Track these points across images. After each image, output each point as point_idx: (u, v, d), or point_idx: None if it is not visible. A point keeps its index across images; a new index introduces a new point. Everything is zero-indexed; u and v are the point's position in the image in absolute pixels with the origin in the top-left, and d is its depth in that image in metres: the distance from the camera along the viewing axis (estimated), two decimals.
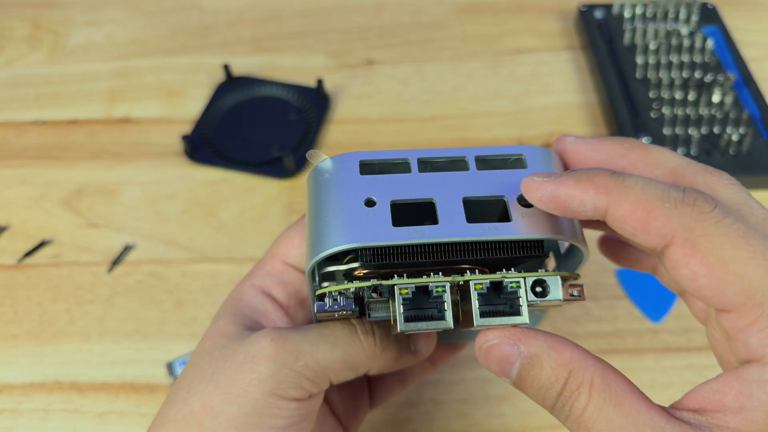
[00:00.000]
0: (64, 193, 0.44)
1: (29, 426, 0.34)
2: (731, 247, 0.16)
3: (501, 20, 0.55)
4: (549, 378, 0.18)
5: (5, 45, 0.55)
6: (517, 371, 0.19)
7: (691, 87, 0.46)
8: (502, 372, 0.19)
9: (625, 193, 0.17)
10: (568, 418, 0.18)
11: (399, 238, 0.20)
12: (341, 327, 0.23)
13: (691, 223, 0.17)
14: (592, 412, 0.17)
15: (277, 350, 0.21)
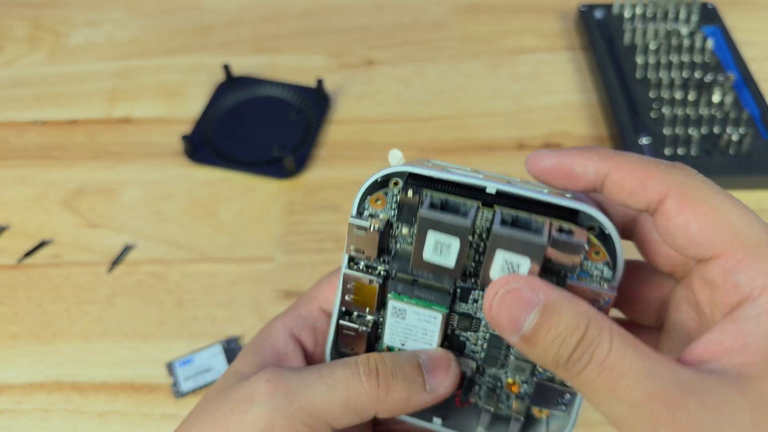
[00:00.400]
0: (64, 193, 0.44)
1: (29, 426, 0.34)
2: (718, 199, 0.18)
3: (501, 20, 0.55)
4: (569, 325, 0.18)
5: (5, 45, 0.55)
6: (533, 320, 0.18)
7: (691, 87, 0.46)
8: (513, 323, 0.18)
9: (624, 159, 0.20)
10: (589, 364, 0.17)
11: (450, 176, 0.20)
12: (341, 367, 0.21)
13: (683, 179, 0.19)
14: (616, 356, 0.17)
15: (271, 391, 0.21)
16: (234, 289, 0.39)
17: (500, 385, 0.23)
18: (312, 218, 0.42)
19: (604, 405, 0.17)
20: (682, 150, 0.43)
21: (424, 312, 0.22)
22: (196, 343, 0.37)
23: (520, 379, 0.22)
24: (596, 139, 0.46)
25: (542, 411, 0.22)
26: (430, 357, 0.22)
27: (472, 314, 0.22)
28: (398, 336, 0.23)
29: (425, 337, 0.22)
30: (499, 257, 0.19)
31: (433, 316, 0.22)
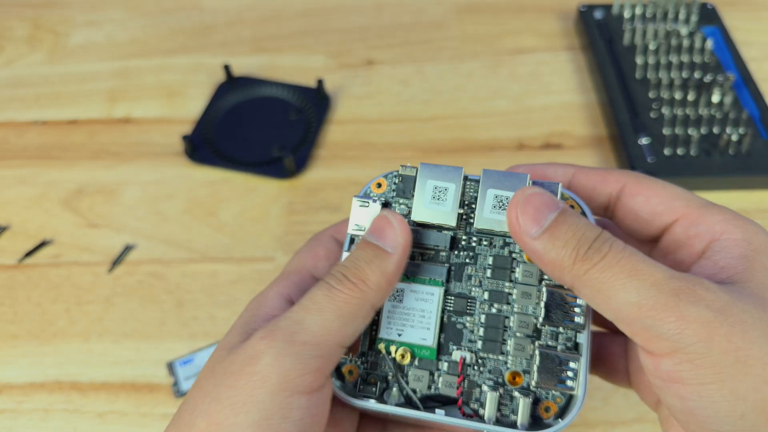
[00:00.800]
0: (64, 193, 0.44)
1: (29, 426, 0.34)
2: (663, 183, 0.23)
3: (501, 20, 0.55)
4: (587, 224, 0.20)
5: (5, 45, 0.55)
6: (555, 215, 0.20)
7: (690, 87, 0.46)
8: (536, 217, 0.20)
9: (584, 167, 0.24)
10: (610, 250, 0.19)
11: None
12: (317, 290, 0.21)
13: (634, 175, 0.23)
14: (631, 249, 0.19)
15: (270, 343, 0.20)
16: (234, 289, 0.39)
17: (501, 381, 0.22)
18: (312, 218, 0.42)
19: (621, 292, 0.19)
20: (682, 150, 0.43)
21: (421, 289, 0.23)
22: (197, 343, 0.37)
23: (521, 363, 0.22)
24: (596, 139, 0.46)
25: (549, 411, 0.22)
26: (372, 229, 0.22)
27: (468, 293, 0.23)
28: (395, 324, 0.23)
29: (423, 320, 0.23)
30: (491, 195, 0.22)
31: (430, 293, 0.23)
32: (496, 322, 0.22)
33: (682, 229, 0.22)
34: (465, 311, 0.23)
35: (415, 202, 0.23)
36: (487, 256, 0.23)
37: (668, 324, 0.18)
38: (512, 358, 0.22)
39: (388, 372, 0.23)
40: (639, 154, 0.43)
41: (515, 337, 0.22)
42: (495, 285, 0.23)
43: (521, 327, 0.22)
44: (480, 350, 0.22)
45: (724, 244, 0.20)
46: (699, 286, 0.18)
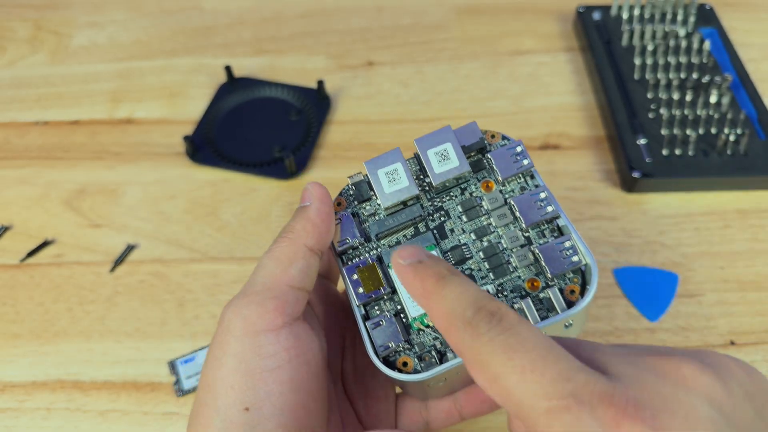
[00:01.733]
0: (65, 194, 0.44)
1: (31, 425, 0.34)
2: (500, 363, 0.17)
3: (500, 22, 0.55)
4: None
5: (7, 46, 0.55)
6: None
7: (688, 88, 0.46)
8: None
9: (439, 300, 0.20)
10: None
11: None
12: (262, 257, 0.24)
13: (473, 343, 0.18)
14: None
15: (229, 303, 0.23)
16: (235, 288, 0.39)
17: (525, 292, 0.24)
18: None
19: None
20: (680, 150, 0.43)
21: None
22: (198, 342, 0.37)
23: (531, 270, 0.24)
24: (594, 140, 0.46)
25: (574, 293, 0.24)
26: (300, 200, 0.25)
27: (458, 243, 0.25)
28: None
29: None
30: (431, 154, 0.26)
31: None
32: (493, 250, 0.25)
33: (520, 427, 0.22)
34: (464, 257, 0.25)
35: (377, 195, 0.26)
36: (456, 206, 0.26)
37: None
38: (522, 270, 0.24)
39: (436, 342, 0.24)
40: (637, 155, 0.43)
41: (513, 252, 0.25)
42: (474, 224, 0.25)
43: (513, 241, 0.25)
44: (494, 280, 0.25)
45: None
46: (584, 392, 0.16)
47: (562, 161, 0.45)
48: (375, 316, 0.25)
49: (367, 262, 0.25)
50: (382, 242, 0.26)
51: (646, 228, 0.41)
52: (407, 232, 0.26)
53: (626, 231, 0.41)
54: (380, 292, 0.25)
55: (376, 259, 0.25)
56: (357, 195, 0.26)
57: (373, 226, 0.26)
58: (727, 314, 0.37)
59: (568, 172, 0.44)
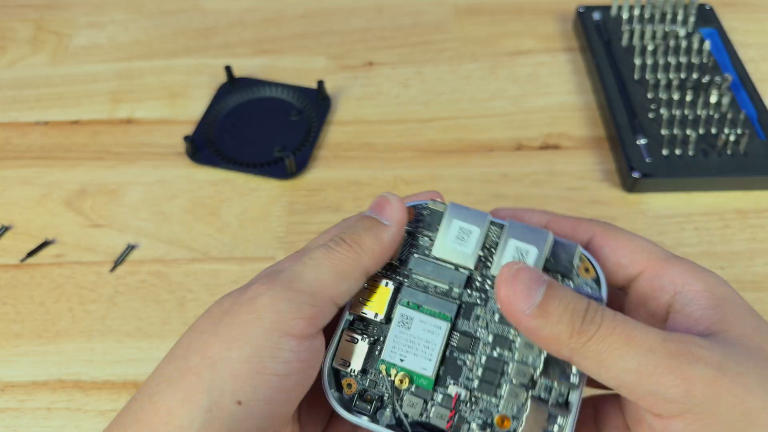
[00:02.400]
0: (66, 194, 0.45)
1: (32, 424, 0.35)
2: (630, 235, 0.24)
3: (500, 22, 0.55)
4: (575, 296, 0.20)
5: (8, 46, 0.55)
6: (544, 290, 0.20)
7: (688, 88, 0.46)
8: (527, 294, 0.20)
9: (557, 215, 0.25)
10: (603, 322, 0.20)
11: None
12: (316, 249, 0.23)
13: (602, 225, 0.24)
14: (621, 317, 0.20)
15: (270, 286, 0.21)
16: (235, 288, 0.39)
17: (490, 422, 0.23)
18: (313, 218, 0.43)
19: (620, 360, 0.19)
20: (679, 150, 0.43)
21: (430, 321, 0.24)
22: None
23: (512, 409, 0.23)
24: (594, 140, 0.46)
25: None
26: (373, 206, 0.24)
27: (473, 333, 0.24)
28: (399, 349, 0.24)
29: (426, 350, 0.23)
30: (512, 245, 0.23)
31: (438, 326, 0.23)
32: (495, 365, 0.23)
33: (647, 282, 0.23)
34: (468, 350, 0.23)
35: (438, 237, 0.24)
36: (495, 303, 0.24)
37: (673, 387, 0.18)
38: (504, 402, 0.23)
39: (385, 393, 0.24)
40: (637, 155, 0.43)
41: (511, 383, 0.23)
42: (501, 330, 0.23)
43: (518, 375, 0.23)
44: (475, 389, 0.23)
45: (690, 296, 0.21)
46: (693, 345, 0.19)
47: (562, 161, 0.45)
48: (356, 331, 0.24)
49: (387, 283, 0.24)
50: (412, 278, 0.24)
51: (646, 228, 0.41)
52: (439, 288, 0.24)
53: None
54: (376, 317, 0.24)
55: (394, 286, 0.24)
56: (426, 222, 0.25)
57: (416, 259, 0.24)
58: None
59: (568, 172, 0.44)
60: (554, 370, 0.22)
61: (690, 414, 0.18)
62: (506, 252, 0.23)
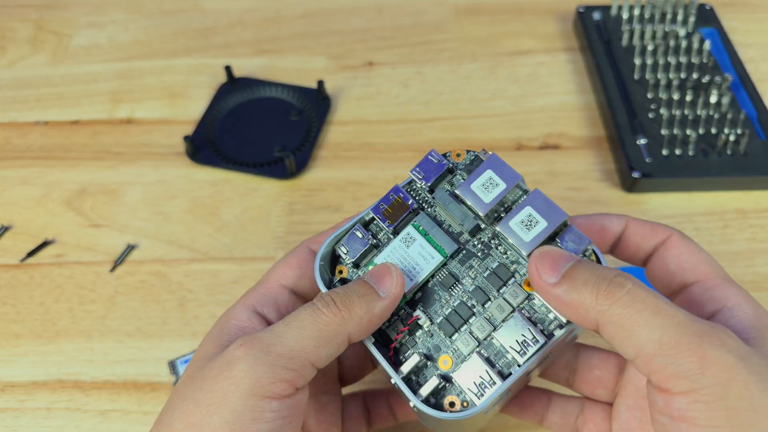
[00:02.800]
0: (66, 194, 0.45)
1: (32, 424, 0.35)
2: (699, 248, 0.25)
3: (500, 22, 0.55)
4: (604, 267, 0.21)
5: (8, 46, 0.55)
6: (572, 264, 0.21)
7: (688, 88, 0.46)
8: (553, 267, 0.21)
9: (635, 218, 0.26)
10: (633, 284, 0.20)
11: None
12: (303, 309, 0.23)
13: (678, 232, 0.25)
14: (654, 292, 0.20)
15: (247, 350, 0.21)
16: (235, 288, 0.39)
17: (433, 357, 0.24)
18: (313, 218, 0.43)
19: (645, 328, 0.19)
20: (679, 150, 0.43)
21: (428, 249, 0.25)
22: (198, 342, 0.37)
23: (458, 355, 0.24)
24: (594, 140, 0.46)
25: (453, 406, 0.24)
26: (373, 272, 0.24)
27: (459, 277, 0.25)
28: (392, 260, 0.25)
29: (412, 271, 0.25)
30: (525, 211, 0.23)
31: (432, 256, 0.25)
32: (464, 312, 0.24)
33: (700, 290, 0.23)
34: (447, 289, 0.25)
35: (467, 178, 0.25)
36: (495, 260, 0.25)
37: (689, 363, 0.18)
38: (455, 347, 0.24)
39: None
40: (637, 155, 0.43)
41: (468, 333, 0.24)
42: (485, 286, 0.25)
43: (478, 329, 0.24)
44: (436, 324, 0.25)
45: (735, 313, 0.22)
46: (722, 332, 0.19)
47: (562, 161, 0.45)
48: (366, 228, 0.26)
49: (411, 203, 0.26)
50: (432, 207, 0.26)
51: None
52: (452, 227, 0.25)
53: None
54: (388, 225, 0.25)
55: (415, 207, 0.26)
56: (467, 165, 0.26)
57: (442, 190, 0.26)
58: None
59: (568, 172, 0.44)
60: (509, 338, 0.23)
61: (697, 393, 0.18)
62: (518, 215, 0.23)
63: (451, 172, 0.26)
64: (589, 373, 0.27)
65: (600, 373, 0.27)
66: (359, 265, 0.26)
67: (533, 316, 0.24)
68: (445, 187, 0.26)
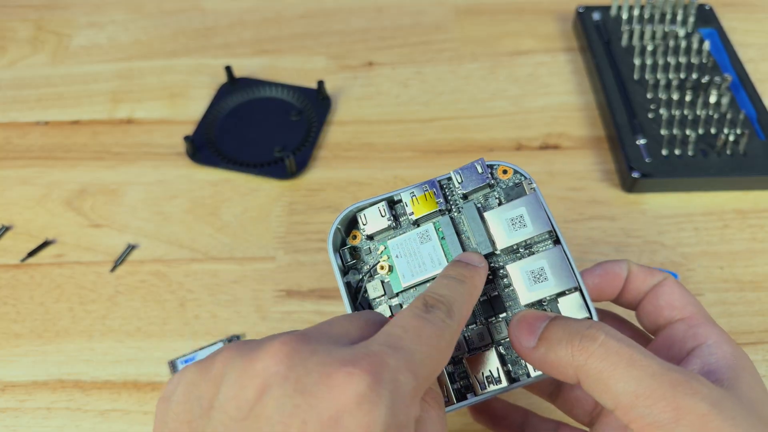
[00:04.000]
0: (66, 194, 0.45)
1: (32, 424, 0.35)
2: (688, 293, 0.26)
3: (499, 22, 0.55)
4: (577, 320, 0.22)
5: (8, 46, 0.55)
6: (546, 324, 0.22)
7: (688, 88, 0.46)
8: (530, 331, 0.22)
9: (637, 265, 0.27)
10: (606, 336, 0.21)
11: None
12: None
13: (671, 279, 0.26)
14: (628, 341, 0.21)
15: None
16: (236, 288, 0.39)
17: None
18: (313, 218, 0.43)
19: (621, 381, 0.20)
20: (679, 150, 0.43)
21: (438, 253, 0.25)
22: (198, 342, 0.37)
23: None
24: (593, 140, 0.47)
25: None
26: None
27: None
28: (403, 250, 0.26)
29: (418, 267, 0.26)
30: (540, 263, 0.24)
31: (440, 261, 0.25)
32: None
33: (684, 327, 0.24)
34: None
35: (499, 208, 0.25)
36: (495, 290, 0.25)
37: (664, 414, 0.19)
38: None
39: (368, 264, 0.27)
40: (636, 155, 0.43)
41: None
42: (476, 309, 0.25)
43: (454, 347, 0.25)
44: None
45: (713, 350, 0.23)
46: (695, 380, 0.20)
47: (562, 161, 0.45)
48: (392, 209, 0.27)
49: (441, 202, 0.26)
50: (459, 214, 0.26)
51: (645, 228, 0.41)
52: (468, 241, 0.26)
53: (626, 231, 0.41)
54: (411, 215, 0.26)
55: (443, 208, 0.26)
56: (509, 188, 0.26)
57: (472, 205, 0.26)
58: (727, 314, 0.37)
59: (567, 172, 0.44)
60: (477, 369, 0.24)
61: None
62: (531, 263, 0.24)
63: (490, 187, 0.26)
64: (571, 392, 0.28)
65: (580, 393, 0.27)
66: (372, 238, 0.27)
67: (508, 355, 0.24)
68: (478, 200, 0.26)
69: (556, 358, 0.21)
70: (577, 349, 0.21)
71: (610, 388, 0.20)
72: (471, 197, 0.26)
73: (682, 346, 0.24)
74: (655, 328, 0.26)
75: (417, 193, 0.26)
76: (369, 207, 0.27)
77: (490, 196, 0.26)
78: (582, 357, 0.20)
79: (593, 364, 0.20)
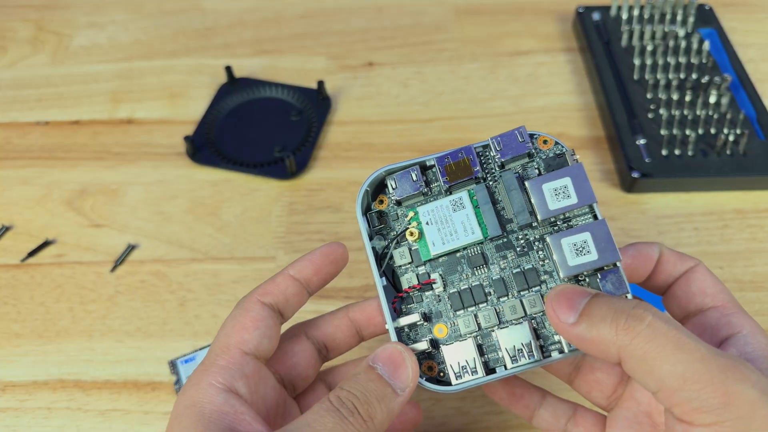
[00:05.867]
0: (67, 194, 0.45)
1: (32, 424, 0.35)
2: (718, 280, 0.26)
3: (499, 22, 0.55)
4: (621, 299, 0.21)
5: (8, 46, 0.55)
6: (588, 300, 0.21)
7: (687, 88, 0.46)
8: (570, 306, 0.21)
9: (668, 249, 0.26)
10: (650, 324, 0.20)
11: None
12: (327, 415, 0.22)
13: (702, 263, 0.26)
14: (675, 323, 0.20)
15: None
16: (236, 288, 0.39)
17: (433, 321, 0.25)
18: (313, 218, 0.43)
19: (667, 364, 0.19)
20: (679, 150, 0.43)
21: (472, 222, 0.25)
22: (199, 342, 0.37)
23: (454, 331, 0.25)
24: (593, 140, 0.47)
25: (431, 370, 0.24)
26: (384, 360, 0.23)
27: (488, 261, 0.25)
28: (434, 217, 0.25)
29: (449, 236, 0.25)
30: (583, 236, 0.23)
31: (473, 231, 0.25)
32: (478, 295, 0.25)
33: (717, 315, 0.24)
34: (472, 266, 0.25)
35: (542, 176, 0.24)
36: (530, 262, 0.25)
37: (713, 398, 0.19)
38: (454, 321, 0.25)
39: (395, 231, 0.26)
40: (636, 155, 0.43)
41: (473, 316, 0.24)
42: (508, 280, 0.25)
43: (483, 318, 0.24)
44: (446, 294, 0.25)
45: (749, 340, 0.23)
46: (744, 366, 0.20)
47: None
48: (426, 174, 0.26)
49: (477, 171, 0.25)
50: (495, 184, 0.25)
51: (645, 228, 0.41)
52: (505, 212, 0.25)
53: (625, 231, 0.41)
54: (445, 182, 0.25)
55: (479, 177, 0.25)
56: (549, 158, 0.25)
57: (511, 174, 0.25)
58: None
59: None
60: (509, 342, 0.23)
61: (719, 426, 0.19)
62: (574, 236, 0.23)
63: (530, 156, 0.25)
64: (591, 374, 0.27)
65: (601, 376, 0.27)
66: (401, 204, 0.26)
67: (540, 330, 0.24)
68: (516, 170, 0.25)
69: (598, 336, 0.21)
70: (622, 328, 0.20)
71: (655, 370, 0.20)
72: (508, 166, 0.25)
73: (715, 333, 0.23)
74: (685, 314, 0.25)
75: (452, 159, 0.25)
76: (400, 171, 0.26)
77: (529, 166, 0.25)
78: (627, 337, 0.20)
79: (639, 344, 0.20)
